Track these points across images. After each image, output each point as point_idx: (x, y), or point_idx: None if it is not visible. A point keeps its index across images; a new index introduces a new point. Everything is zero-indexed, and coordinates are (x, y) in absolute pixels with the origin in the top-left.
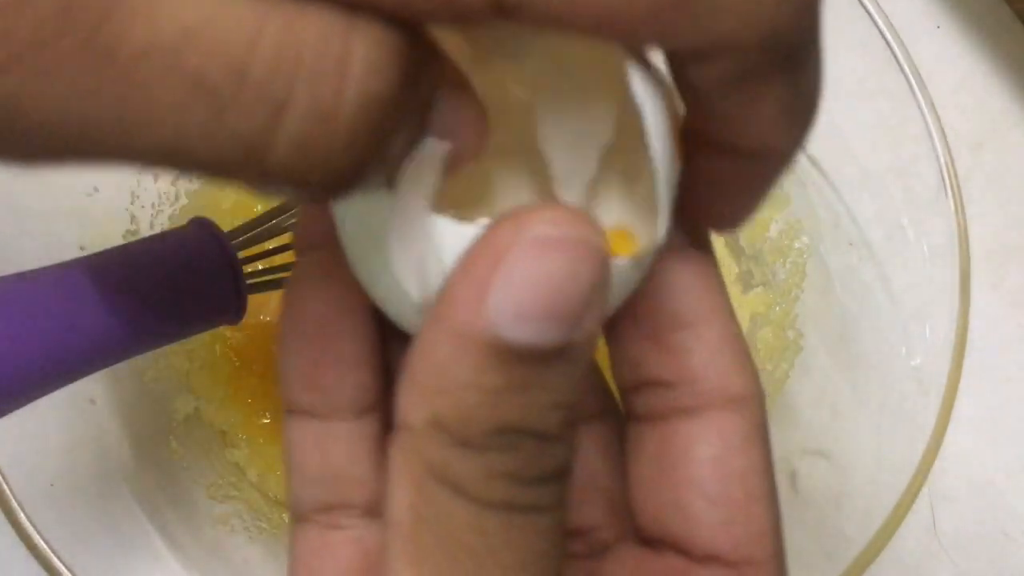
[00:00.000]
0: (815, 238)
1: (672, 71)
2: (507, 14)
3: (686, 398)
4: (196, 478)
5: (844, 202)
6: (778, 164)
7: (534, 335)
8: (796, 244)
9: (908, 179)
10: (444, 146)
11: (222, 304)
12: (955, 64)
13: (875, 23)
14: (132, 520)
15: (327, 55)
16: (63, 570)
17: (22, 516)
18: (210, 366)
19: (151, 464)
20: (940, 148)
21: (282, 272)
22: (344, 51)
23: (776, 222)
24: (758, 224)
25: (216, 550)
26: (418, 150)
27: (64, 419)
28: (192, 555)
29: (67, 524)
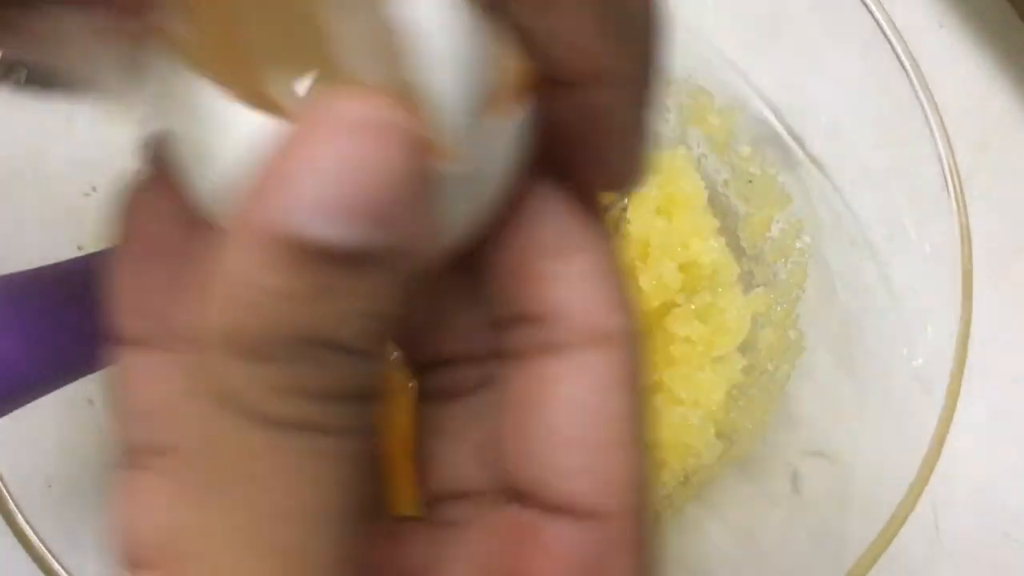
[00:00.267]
0: (816, 238)
1: None
2: None
3: (553, 334)
4: None
5: (846, 202)
6: (626, 94)
7: (337, 233)
8: (797, 244)
9: (910, 178)
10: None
11: None
12: (958, 63)
13: (877, 22)
14: None
15: None
16: (62, 571)
17: (20, 518)
18: None
19: None
20: (942, 147)
21: None
22: None
23: (777, 222)
24: (759, 224)
25: None
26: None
27: (63, 419)
28: None
29: (66, 525)
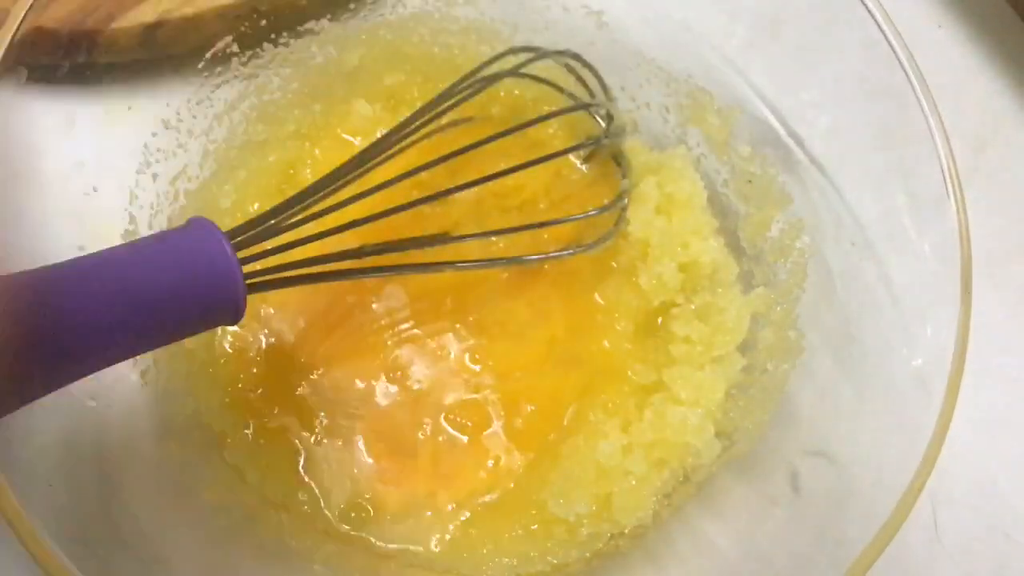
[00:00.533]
0: (816, 238)
1: None
2: None
3: None
4: (195, 479)
5: (846, 202)
6: None
7: None
8: (797, 244)
9: (910, 179)
10: None
11: (221, 304)
12: (957, 64)
13: (877, 23)
14: (131, 521)
15: None
16: (62, 570)
17: (21, 516)
18: (209, 367)
19: (151, 465)
20: (942, 148)
21: (281, 272)
22: None
23: (777, 222)
24: (759, 224)
25: (216, 550)
26: None
27: (64, 419)
28: (192, 555)
29: (67, 524)
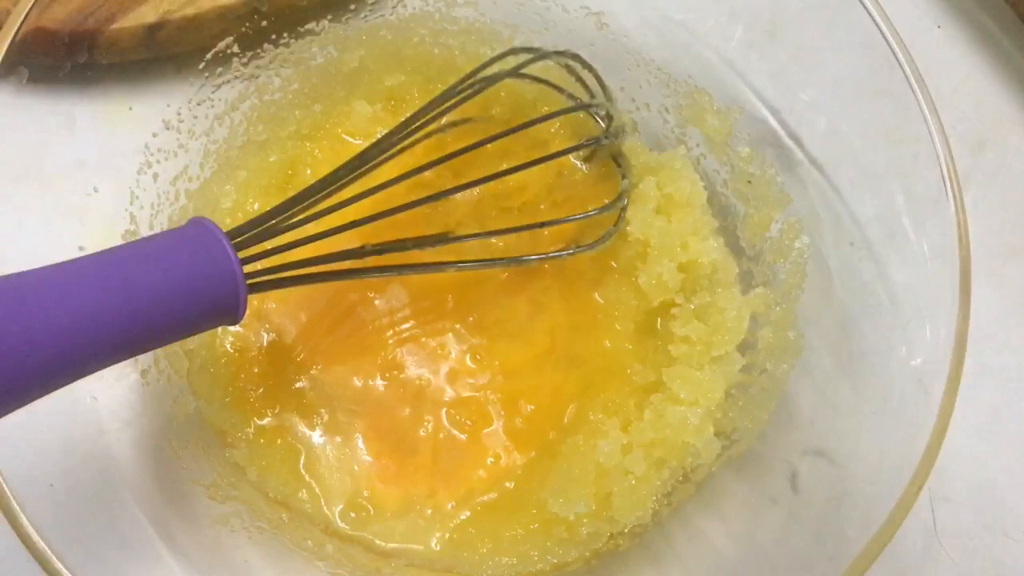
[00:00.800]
0: (816, 238)
1: None
2: None
3: None
4: (196, 478)
5: (845, 202)
6: None
7: None
8: (797, 244)
9: (909, 179)
10: None
11: (222, 304)
12: (956, 65)
13: (876, 24)
14: (132, 520)
15: None
16: (62, 570)
17: (22, 517)
18: (210, 366)
19: (151, 464)
20: (941, 148)
21: (282, 272)
22: None
23: (777, 222)
24: (758, 223)
25: (216, 550)
26: None
27: (64, 419)
28: (192, 556)
29: (67, 524)
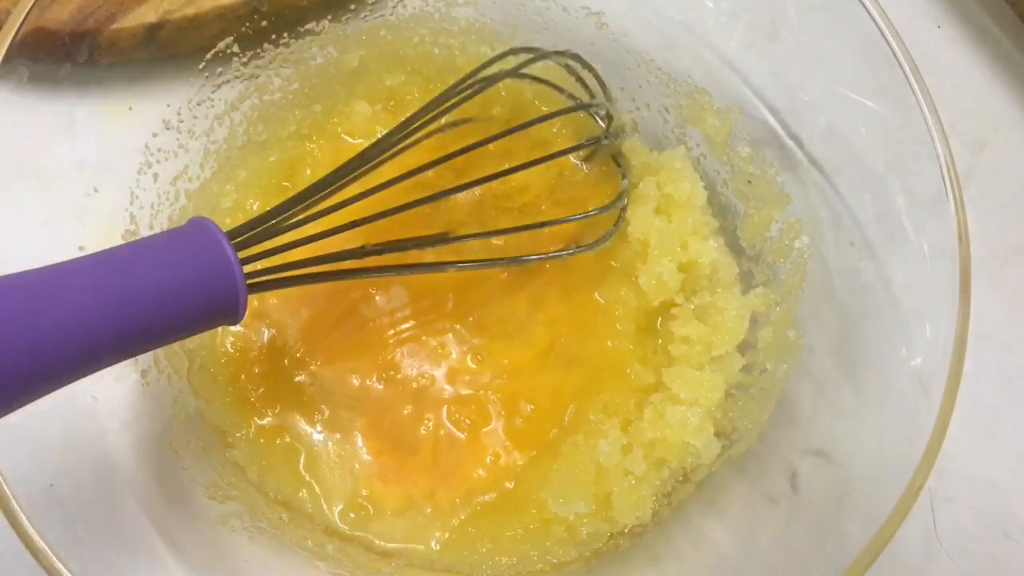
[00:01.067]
0: (816, 238)
1: None
2: None
3: None
4: (196, 478)
5: (845, 202)
6: None
7: None
8: (797, 244)
9: (909, 179)
10: None
11: (222, 304)
12: (955, 64)
13: (876, 23)
14: (132, 520)
15: None
16: (63, 570)
17: (22, 517)
18: (210, 366)
19: (151, 464)
20: (941, 148)
21: (282, 272)
22: None
23: (777, 222)
24: (758, 223)
25: (216, 550)
26: None
27: (64, 419)
28: (192, 556)
29: (67, 524)
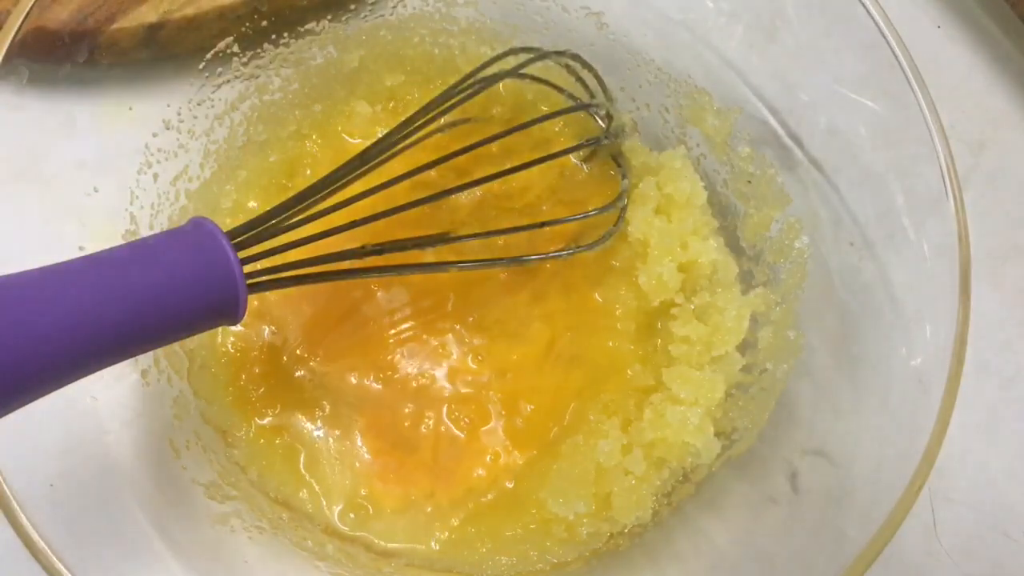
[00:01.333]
0: (816, 238)
1: None
2: None
3: None
4: (196, 478)
5: (845, 202)
6: None
7: None
8: (797, 244)
9: (909, 179)
10: None
11: (222, 304)
12: (955, 64)
13: (876, 23)
14: (132, 520)
15: None
16: (63, 570)
17: (22, 516)
18: (210, 366)
19: (151, 465)
20: (941, 148)
21: (282, 272)
22: None
23: (777, 222)
24: (758, 223)
25: (216, 550)
26: None
27: (64, 419)
28: (192, 556)
29: (67, 524)
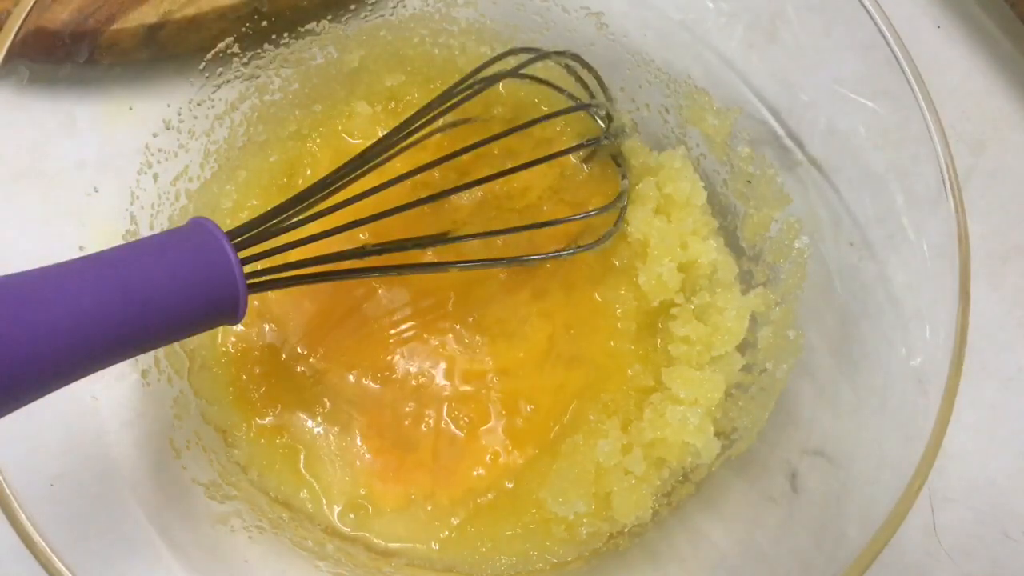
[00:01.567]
0: (816, 238)
1: None
2: None
3: None
4: (196, 478)
5: (844, 202)
6: None
7: None
8: (796, 244)
9: (908, 179)
10: None
11: (222, 304)
12: (955, 64)
13: (876, 23)
14: (132, 520)
15: None
16: (63, 570)
17: (22, 516)
18: (211, 366)
19: (151, 464)
20: (940, 148)
21: (282, 272)
22: None
23: (776, 222)
24: (758, 223)
25: (216, 550)
26: None
27: (64, 419)
28: (192, 556)
29: (67, 524)
